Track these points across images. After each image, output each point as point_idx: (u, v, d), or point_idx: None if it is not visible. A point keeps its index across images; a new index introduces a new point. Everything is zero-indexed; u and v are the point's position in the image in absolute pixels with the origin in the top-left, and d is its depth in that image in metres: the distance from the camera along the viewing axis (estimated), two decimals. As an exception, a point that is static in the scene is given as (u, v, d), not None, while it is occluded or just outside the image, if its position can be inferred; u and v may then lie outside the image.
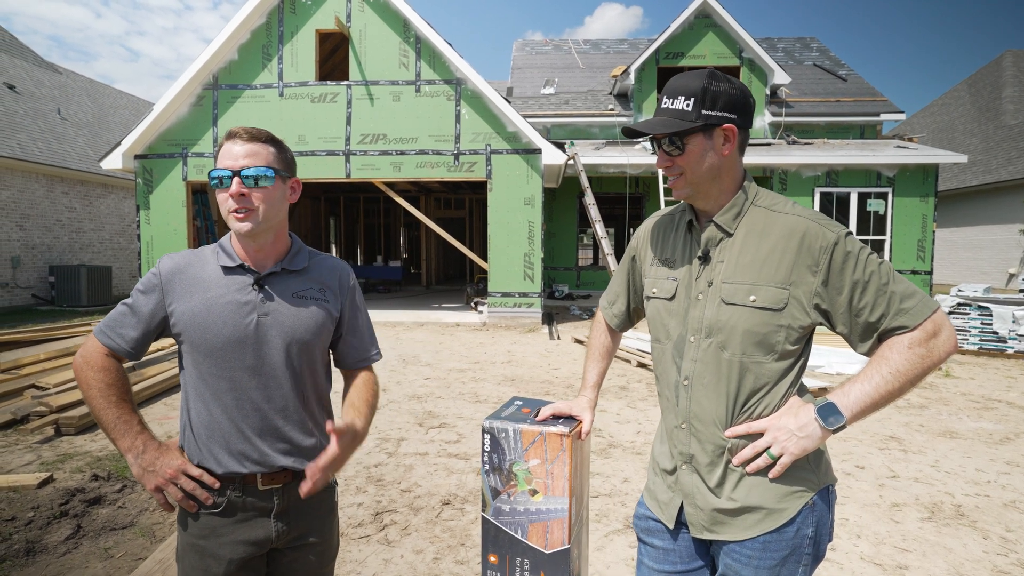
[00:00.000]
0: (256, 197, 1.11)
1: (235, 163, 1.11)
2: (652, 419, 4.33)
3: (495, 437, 1.26)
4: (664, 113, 1.07)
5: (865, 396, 0.97)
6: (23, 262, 10.84)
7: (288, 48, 9.22)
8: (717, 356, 1.06)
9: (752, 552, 1.05)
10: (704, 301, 1.09)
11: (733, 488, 1.06)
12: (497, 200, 9.16)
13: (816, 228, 1.02)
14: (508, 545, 1.28)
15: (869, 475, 3.31)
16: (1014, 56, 17.57)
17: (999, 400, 4.98)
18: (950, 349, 0.96)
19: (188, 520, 1.13)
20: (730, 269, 1.07)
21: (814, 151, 11.13)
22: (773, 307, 1.02)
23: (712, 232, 1.10)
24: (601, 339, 1.40)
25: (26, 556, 2.36)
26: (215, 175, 1.11)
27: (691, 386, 1.10)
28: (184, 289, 1.12)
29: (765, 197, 1.10)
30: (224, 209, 1.12)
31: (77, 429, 3.87)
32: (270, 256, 1.18)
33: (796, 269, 1.02)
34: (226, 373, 1.12)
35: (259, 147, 1.13)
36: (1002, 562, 2.39)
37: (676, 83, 1.06)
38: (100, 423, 1.09)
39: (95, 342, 1.12)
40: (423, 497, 2.97)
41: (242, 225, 1.11)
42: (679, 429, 1.12)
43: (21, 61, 14.05)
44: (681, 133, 1.04)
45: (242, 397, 1.13)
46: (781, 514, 1.04)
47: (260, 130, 1.15)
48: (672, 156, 1.07)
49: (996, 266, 14.24)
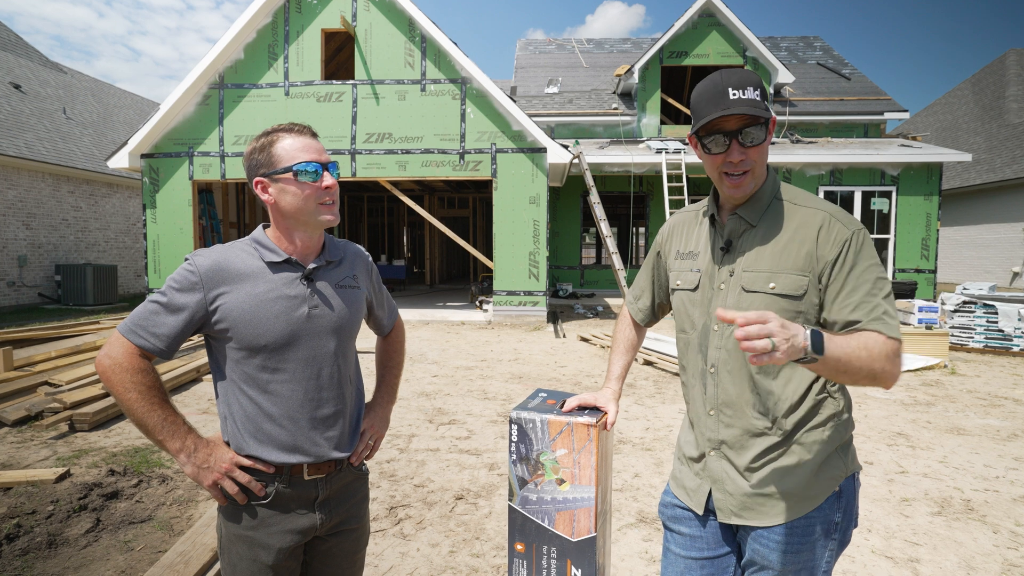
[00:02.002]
0: (337, 189, 1.17)
1: (321, 156, 1.13)
2: (660, 416, 4.35)
3: (523, 427, 1.29)
4: (740, 104, 1.01)
5: (842, 348, 0.92)
6: (29, 261, 10.90)
7: (294, 47, 9.25)
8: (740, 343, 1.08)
9: (780, 537, 1.07)
10: (726, 290, 1.11)
11: (765, 473, 1.08)
12: (502, 199, 9.18)
13: (834, 221, 1.05)
14: (535, 533, 1.31)
15: (878, 470, 3.33)
16: (1017, 55, 17.53)
17: (1005, 397, 4.99)
18: (896, 376, 0.98)
19: (236, 512, 1.14)
20: (751, 258, 1.09)
21: (818, 150, 11.13)
22: (792, 294, 1.05)
23: (736, 223, 1.13)
24: (626, 333, 1.42)
25: (49, 548, 2.40)
26: (306, 168, 1.11)
27: (717, 373, 1.12)
28: (229, 285, 1.11)
29: (787, 190, 1.13)
30: (308, 203, 1.12)
31: (91, 425, 3.91)
32: (315, 249, 1.21)
33: (815, 257, 1.05)
34: (277, 366, 1.13)
35: (320, 143, 1.17)
36: (1012, 556, 2.41)
37: (738, 75, 1.04)
38: (142, 425, 1.07)
39: (124, 342, 1.08)
40: (436, 492, 3.00)
41: (331, 217, 1.16)
42: (708, 416, 1.15)
43: (26, 61, 14.11)
44: (767, 121, 1.04)
45: (295, 389, 1.15)
46: (811, 500, 1.06)
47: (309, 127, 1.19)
48: (747, 148, 1.04)
49: (1000, 264, 14.22)
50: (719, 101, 1.03)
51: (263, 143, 1.14)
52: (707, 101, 1.04)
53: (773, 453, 1.08)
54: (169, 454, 1.09)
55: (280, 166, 1.12)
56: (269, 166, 1.13)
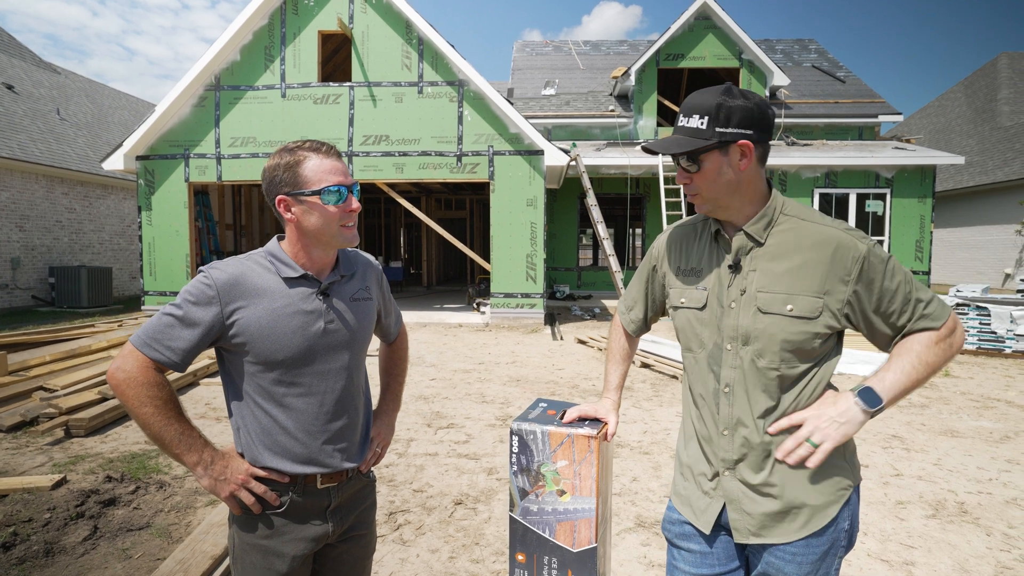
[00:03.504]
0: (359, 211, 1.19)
1: (346, 179, 1.15)
2: (658, 419, 4.37)
3: (523, 439, 1.30)
4: (680, 131, 1.09)
5: (898, 382, 1.04)
6: (23, 263, 10.83)
7: (291, 49, 9.23)
8: (755, 362, 1.10)
9: (796, 549, 1.09)
10: (738, 309, 1.11)
11: (781, 488, 1.09)
12: (500, 201, 9.19)
13: (848, 239, 1.06)
14: (536, 544, 1.32)
15: (874, 473, 3.36)
16: (1009, 58, 17.69)
17: (998, 399, 5.04)
18: (962, 343, 1.09)
19: (250, 521, 1.16)
20: (765, 279, 1.10)
21: (813, 152, 11.20)
22: (808, 316, 1.06)
23: (742, 241, 1.13)
24: (620, 342, 1.44)
25: (46, 557, 2.39)
26: (334, 190, 1.13)
27: (732, 393, 1.13)
28: (246, 300, 1.11)
29: (792, 207, 1.13)
30: (331, 225, 1.14)
31: (87, 431, 3.89)
32: (330, 263, 1.22)
33: (829, 279, 1.06)
34: (293, 380, 1.15)
35: (344, 163, 1.19)
36: (1006, 558, 2.44)
37: (692, 101, 1.08)
38: (158, 439, 1.07)
39: (139, 355, 1.07)
40: (435, 497, 3.00)
41: (353, 237, 1.18)
42: (721, 436, 1.14)
43: (19, 61, 14.01)
44: (696, 152, 1.07)
45: (311, 402, 1.17)
46: (826, 513, 1.08)
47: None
48: (690, 173, 1.11)
49: (992, 266, 14.34)
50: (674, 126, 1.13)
51: (288, 162, 1.13)
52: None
53: (791, 470, 1.09)
54: (185, 467, 1.10)
55: (307, 188, 1.12)
56: (294, 186, 1.13)
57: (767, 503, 1.10)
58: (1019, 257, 13.56)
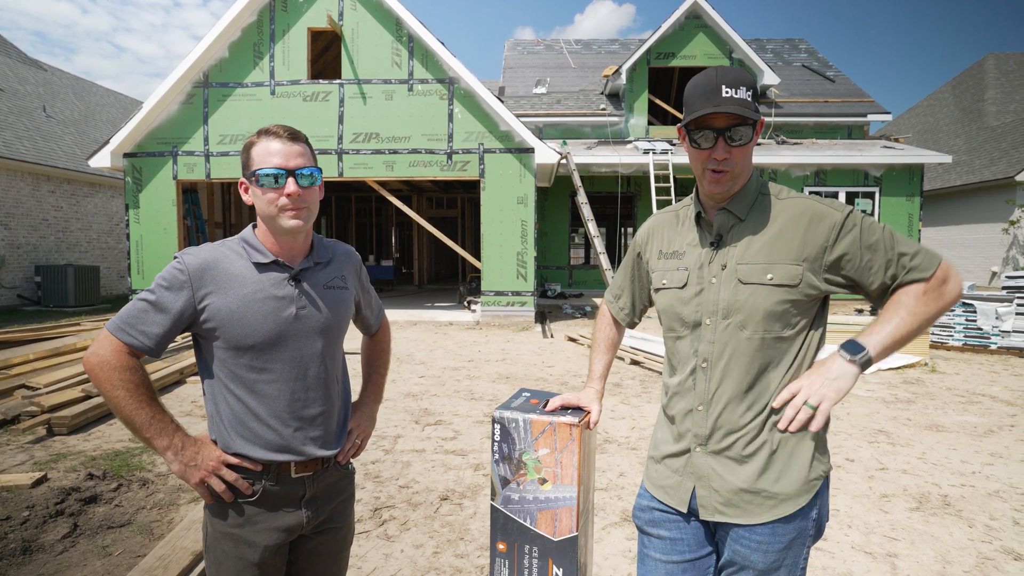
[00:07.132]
0: (308, 195, 1.14)
1: (287, 162, 1.12)
2: (646, 415, 4.38)
3: (505, 427, 1.29)
4: (731, 103, 1.03)
5: (885, 332, 1.03)
6: (8, 262, 10.68)
7: (280, 46, 9.16)
8: (736, 335, 1.09)
9: (761, 537, 1.08)
10: (718, 284, 1.12)
11: (752, 469, 1.09)
12: (490, 199, 9.18)
13: (823, 208, 1.08)
14: (517, 533, 1.31)
15: (859, 467, 3.38)
16: (996, 59, 17.91)
17: (983, 394, 5.09)
18: (958, 293, 1.04)
19: (222, 510, 1.14)
20: (744, 251, 1.10)
21: (803, 151, 11.28)
22: (789, 283, 1.06)
23: (724, 218, 1.13)
24: (606, 332, 1.43)
25: (23, 555, 2.35)
26: (268, 173, 1.10)
27: (710, 367, 1.12)
28: (217, 285, 1.11)
29: (772, 187, 1.15)
30: (271, 207, 1.12)
31: (70, 429, 3.84)
32: (302, 251, 1.21)
33: (807, 245, 1.07)
34: (264, 365, 1.14)
35: (303, 147, 1.15)
36: (987, 549, 2.46)
37: (734, 74, 1.05)
38: (130, 423, 1.07)
39: (113, 340, 1.08)
40: (421, 493, 2.99)
41: (295, 223, 1.13)
42: (695, 412, 1.14)
43: (4, 58, 13.83)
44: (755, 123, 1.06)
45: (282, 388, 1.15)
46: (796, 501, 1.07)
47: (297, 130, 1.17)
48: (733, 146, 1.06)
49: (979, 264, 14.51)
50: (711, 97, 1.04)
51: (246, 144, 1.16)
52: (700, 96, 1.06)
53: (761, 449, 1.09)
54: (156, 452, 1.09)
55: (251, 169, 1.13)
56: (247, 168, 1.15)
57: (736, 481, 1.09)
58: (1006, 255, 13.73)
